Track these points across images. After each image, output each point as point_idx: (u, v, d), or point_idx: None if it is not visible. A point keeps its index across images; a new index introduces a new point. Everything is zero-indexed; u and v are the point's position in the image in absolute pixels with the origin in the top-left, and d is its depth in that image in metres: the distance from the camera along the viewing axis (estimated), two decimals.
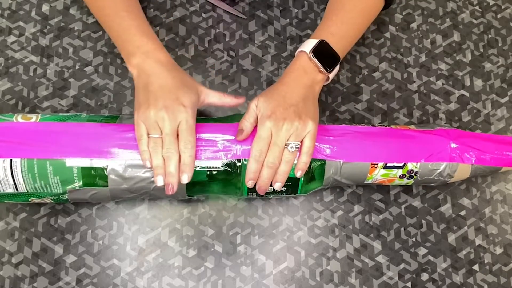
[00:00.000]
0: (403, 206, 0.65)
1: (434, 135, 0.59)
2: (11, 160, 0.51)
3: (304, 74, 0.57)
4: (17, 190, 0.52)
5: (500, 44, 0.72)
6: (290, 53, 0.70)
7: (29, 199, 0.55)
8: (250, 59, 0.70)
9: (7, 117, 0.54)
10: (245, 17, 0.72)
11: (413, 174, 0.59)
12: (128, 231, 0.63)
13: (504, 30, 0.73)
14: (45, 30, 0.70)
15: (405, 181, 0.60)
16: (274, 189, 0.56)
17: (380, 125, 0.61)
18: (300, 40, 0.71)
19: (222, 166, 0.54)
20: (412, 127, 0.61)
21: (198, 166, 0.54)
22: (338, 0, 0.62)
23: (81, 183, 0.53)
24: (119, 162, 0.52)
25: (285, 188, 0.57)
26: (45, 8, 0.71)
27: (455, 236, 0.64)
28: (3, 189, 0.52)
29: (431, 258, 0.63)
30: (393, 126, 0.61)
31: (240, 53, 0.70)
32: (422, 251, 0.64)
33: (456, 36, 0.73)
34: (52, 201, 0.55)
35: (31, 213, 0.63)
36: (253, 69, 0.69)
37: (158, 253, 0.62)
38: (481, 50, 0.72)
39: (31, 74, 0.68)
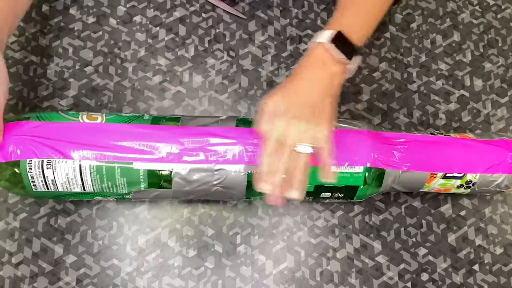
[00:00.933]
0: (403, 206, 0.65)
1: (494, 145, 0.59)
2: (80, 161, 0.52)
3: (323, 67, 0.52)
4: (84, 189, 0.53)
5: (500, 44, 0.73)
6: (290, 53, 0.70)
7: (94, 198, 0.56)
8: (250, 59, 0.70)
9: (73, 116, 0.55)
10: (245, 17, 0.72)
11: (471, 185, 0.58)
12: (128, 231, 0.63)
13: (504, 30, 0.73)
14: (45, 30, 0.70)
15: (461, 190, 0.60)
16: (329, 195, 0.56)
17: (439, 134, 0.60)
18: (300, 40, 0.71)
19: None
20: (470, 135, 0.60)
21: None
22: None
23: (146, 184, 0.54)
24: (183, 166, 0.53)
25: (342, 195, 0.57)
26: (45, 8, 0.71)
27: (455, 236, 0.64)
28: (70, 188, 0.53)
29: (431, 258, 0.63)
30: (451, 135, 0.60)
31: (240, 53, 0.70)
32: (422, 251, 0.64)
33: (456, 36, 0.73)
34: (115, 199, 0.57)
35: (31, 213, 0.63)
36: (253, 69, 0.69)
37: (158, 253, 0.62)
38: (481, 50, 0.72)
39: (31, 74, 0.68)
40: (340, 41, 0.52)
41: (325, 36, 0.53)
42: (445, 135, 0.60)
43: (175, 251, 0.62)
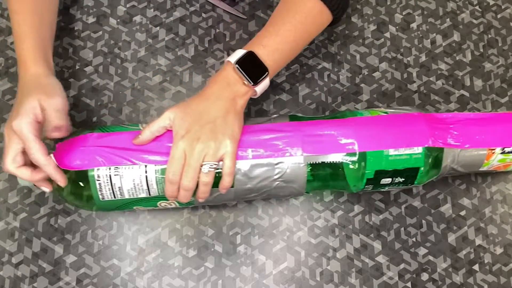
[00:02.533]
0: (403, 206, 0.65)
1: None
2: (146, 166, 0.52)
3: (227, 87, 0.54)
4: (149, 194, 0.54)
5: (500, 44, 0.73)
6: None
7: (157, 204, 0.56)
8: None
9: (133, 127, 0.56)
10: (245, 17, 0.72)
11: None
12: (128, 231, 0.63)
13: (504, 30, 0.73)
14: None
15: None
16: (389, 181, 0.57)
17: (487, 111, 0.61)
18: None
19: (344, 160, 0.55)
20: None
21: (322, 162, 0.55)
22: (279, 11, 0.59)
23: None
24: (244, 162, 0.54)
25: (403, 179, 0.57)
26: None
27: (455, 236, 0.64)
28: (136, 194, 0.54)
29: (431, 258, 0.63)
30: (499, 111, 0.60)
31: None
32: (422, 251, 0.64)
33: (456, 36, 0.73)
34: (178, 205, 0.57)
35: (31, 213, 0.63)
36: None
37: (158, 253, 0.62)
38: (481, 50, 0.72)
39: None
40: (249, 62, 0.54)
41: (235, 55, 0.55)
42: (494, 112, 0.60)
43: (175, 251, 0.62)
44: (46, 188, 0.55)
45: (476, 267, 0.63)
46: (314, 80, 0.69)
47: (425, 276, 0.63)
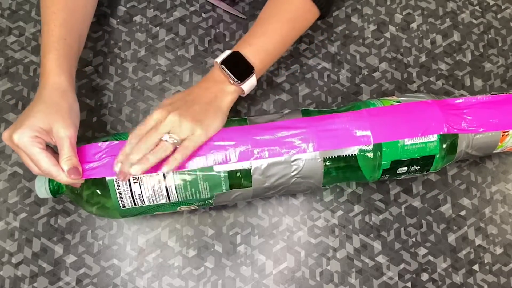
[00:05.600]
0: (403, 206, 0.65)
1: None
2: (164, 174, 0.53)
3: (213, 84, 0.55)
4: (169, 200, 0.54)
5: (500, 44, 0.73)
6: (289, 53, 0.70)
7: (177, 208, 0.56)
8: None
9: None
10: (245, 17, 0.72)
11: None
12: (128, 231, 0.63)
13: (504, 30, 0.73)
14: None
15: None
16: (405, 170, 0.57)
17: (496, 93, 0.61)
18: (300, 40, 0.71)
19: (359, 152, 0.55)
20: None
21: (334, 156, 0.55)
22: (266, 9, 0.60)
23: (227, 186, 0.54)
24: (261, 161, 0.54)
25: (419, 167, 0.57)
26: None
27: (455, 236, 0.64)
28: (156, 200, 0.54)
29: (431, 258, 0.63)
30: (506, 93, 0.61)
31: None
32: (422, 251, 0.64)
33: (456, 36, 0.73)
34: (197, 207, 0.57)
35: (31, 213, 0.63)
36: None
37: (158, 253, 0.62)
38: (481, 50, 0.72)
39: (31, 74, 0.68)
40: (235, 62, 0.55)
41: (222, 56, 0.56)
42: (506, 93, 0.61)
43: (175, 251, 0.62)
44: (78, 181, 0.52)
45: (476, 267, 0.63)
46: (314, 80, 0.69)
47: (425, 276, 0.63)
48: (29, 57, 0.68)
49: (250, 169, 0.54)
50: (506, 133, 0.58)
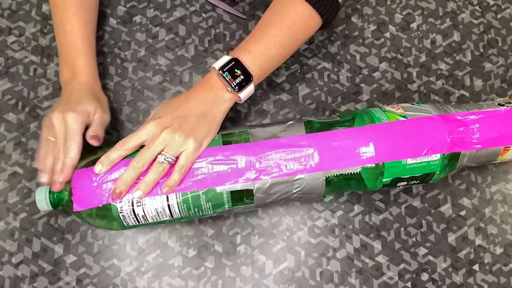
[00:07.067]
0: (403, 206, 0.65)
1: None
2: (167, 196, 0.53)
3: (210, 91, 0.54)
4: (172, 217, 0.54)
5: (500, 44, 0.73)
6: None
7: (181, 221, 0.58)
8: None
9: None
10: (245, 17, 0.72)
11: None
12: (128, 231, 0.63)
13: (504, 30, 0.73)
14: (45, 30, 0.70)
15: None
16: (405, 184, 0.57)
17: (506, 103, 0.60)
18: None
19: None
20: None
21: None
22: (267, 15, 0.58)
23: (230, 204, 0.55)
24: (264, 181, 0.54)
25: (418, 181, 0.57)
26: (45, 8, 0.71)
27: (455, 236, 0.64)
28: (159, 219, 0.54)
29: (431, 258, 0.63)
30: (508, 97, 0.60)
31: None
32: (422, 251, 0.64)
33: (456, 36, 0.73)
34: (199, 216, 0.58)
35: (31, 213, 0.63)
36: None
37: (158, 253, 0.62)
38: (481, 50, 0.72)
39: (31, 74, 0.68)
40: (234, 69, 0.54)
41: (220, 62, 0.55)
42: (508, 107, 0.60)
43: (175, 251, 0.62)
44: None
45: (476, 267, 0.63)
46: (314, 80, 0.69)
47: (425, 276, 0.63)
48: (29, 57, 0.68)
49: (253, 189, 0.54)
50: (508, 148, 0.58)
